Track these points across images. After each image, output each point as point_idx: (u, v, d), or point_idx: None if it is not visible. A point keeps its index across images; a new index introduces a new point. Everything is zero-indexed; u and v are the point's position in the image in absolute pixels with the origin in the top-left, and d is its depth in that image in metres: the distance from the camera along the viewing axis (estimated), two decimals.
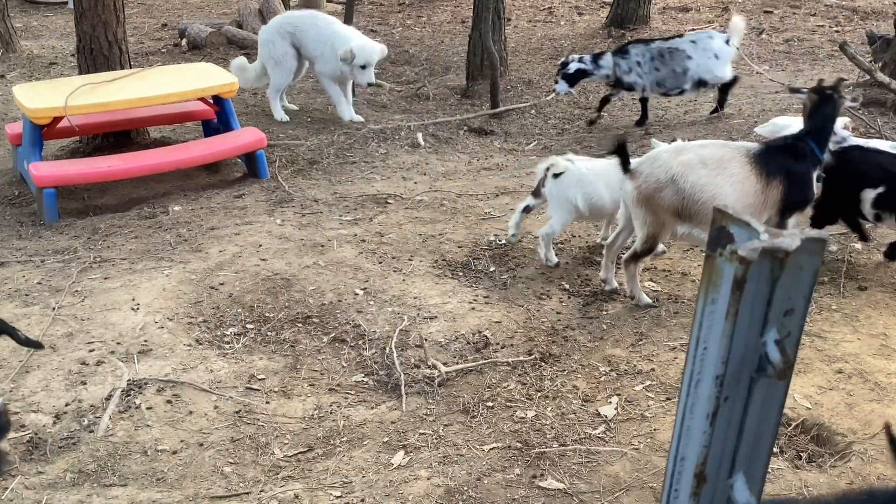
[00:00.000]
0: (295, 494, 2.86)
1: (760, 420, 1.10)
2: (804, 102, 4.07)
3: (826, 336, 3.75)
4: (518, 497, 2.84)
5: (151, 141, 6.61)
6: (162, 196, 5.60)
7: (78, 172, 5.42)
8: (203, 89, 5.94)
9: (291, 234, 4.83)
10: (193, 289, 4.20)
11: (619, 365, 3.59)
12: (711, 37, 6.79)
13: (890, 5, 11.78)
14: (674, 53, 6.72)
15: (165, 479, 2.94)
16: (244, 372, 3.56)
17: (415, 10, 12.36)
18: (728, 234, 1.01)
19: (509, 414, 3.29)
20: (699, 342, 1.05)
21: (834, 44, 9.31)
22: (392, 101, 7.92)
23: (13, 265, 4.55)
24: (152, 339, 3.77)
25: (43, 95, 5.50)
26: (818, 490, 2.85)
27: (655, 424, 3.20)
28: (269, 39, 7.16)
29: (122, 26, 6.33)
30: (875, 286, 4.19)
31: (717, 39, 6.76)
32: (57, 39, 10.45)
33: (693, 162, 3.85)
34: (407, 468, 2.99)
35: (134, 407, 3.31)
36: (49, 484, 2.90)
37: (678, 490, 1.14)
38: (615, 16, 10.79)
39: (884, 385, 3.38)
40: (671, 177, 3.82)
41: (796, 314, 1.03)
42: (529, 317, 3.99)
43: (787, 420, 3.19)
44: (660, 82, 6.81)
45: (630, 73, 6.78)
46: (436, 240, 4.79)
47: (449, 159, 6.39)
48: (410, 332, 3.84)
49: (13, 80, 8.37)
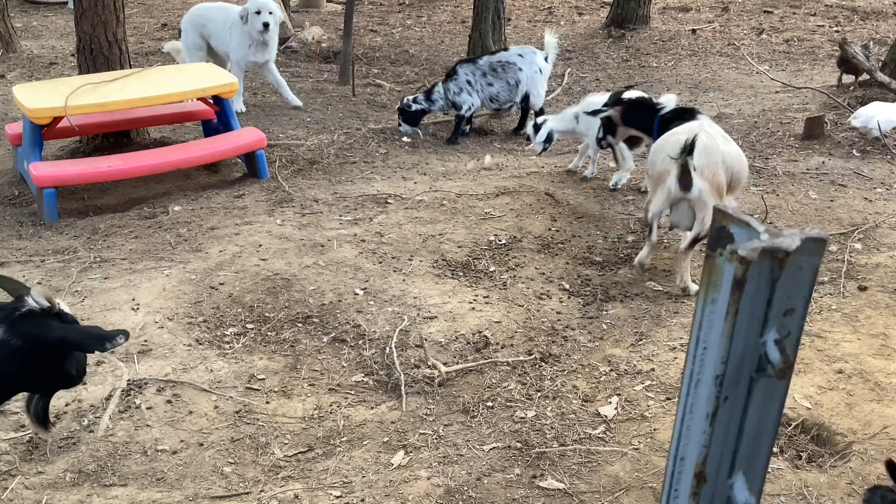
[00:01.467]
0: (295, 494, 2.86)
1: (760, 420, 1.10)
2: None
3: (826, 336, 3.75)
4: (518, 497, 2.84)
5: (151, 141, 6.61)
6: (162, 196, 5.60)
7: (78, 172, 5.42)
8: (203, 89, 5.93)
9: (291, 234, 4.83)
10: (193, 289, 4.20)
11: (619, 365, 3.59)
12: (535, 52, 6.87)
13: (890, 5, 11.78)
14: (505, 67, 6.78)
15: (165, 479, 2.94)
16: (244, 372, 3.56)
17: (415, 10, 12.36)
18: (728, 234, 1.01)
19: (509, 414, 3.29)
20: (699, 342, 1.05)
21: (834, 44, 9.32)
22: (392, 101, 7.92)
23: (13, 265, 4.55)
24: (152, 339, 3.77)
25: (43, 95, 5.50)
26: (818, 490, 2.85)
27: (655, 424, 3.20)
28: (184, 28, 7.58)
29: (122, 26, 6.33)
30: (875, 286, 4.19)
31: (539, 55, 6.85)
32: (57, 39, 10.45)
33: (721, 139, 4.26)
34: (407, 468, 2.99)
35: (134, 407, 3.31)
36: (49, 484, 2.90)
37: (678, 490, 1.13)
38: (615, 16, 10.80)
39: (884, 385, 3.38)
40: (721, 158, 4.12)
41: (796, 314, 1.03)
42: (529, 317, 3.99)
43: (787, 420, 3.19)
44: (494, 97, 6.85)
45: (461, 93, 6.81)
46: (436, 240, 4.79)
47: (449, 159, 6.39)
48: (410, 332, 3.84)
49: (13, 80, 8.37)
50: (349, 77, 8.27)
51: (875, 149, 6.08)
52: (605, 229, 4.96)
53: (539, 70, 6.80)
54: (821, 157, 5.98)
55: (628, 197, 5.43)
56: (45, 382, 2.32)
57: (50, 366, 2.22)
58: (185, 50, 7.59)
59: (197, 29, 7.47)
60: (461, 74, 6.82)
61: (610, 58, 9.56)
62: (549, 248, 4.72)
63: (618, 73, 8.93)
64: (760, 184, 5.50)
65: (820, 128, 6.33)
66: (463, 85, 6.80)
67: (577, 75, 8.81)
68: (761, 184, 5.50)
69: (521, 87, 6.75)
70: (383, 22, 11.56)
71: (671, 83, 8.50)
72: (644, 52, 9.78)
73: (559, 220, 5.07)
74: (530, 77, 6.77)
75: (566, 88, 8.30)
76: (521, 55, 6.82)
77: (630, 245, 4.73)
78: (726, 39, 10.28)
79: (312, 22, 11.15)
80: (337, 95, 8.08)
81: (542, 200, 5.37)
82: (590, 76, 8.79)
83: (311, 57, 9.70)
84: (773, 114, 6.91)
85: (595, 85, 8.45)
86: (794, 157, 6.01)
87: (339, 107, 7.78)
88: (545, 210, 5.21)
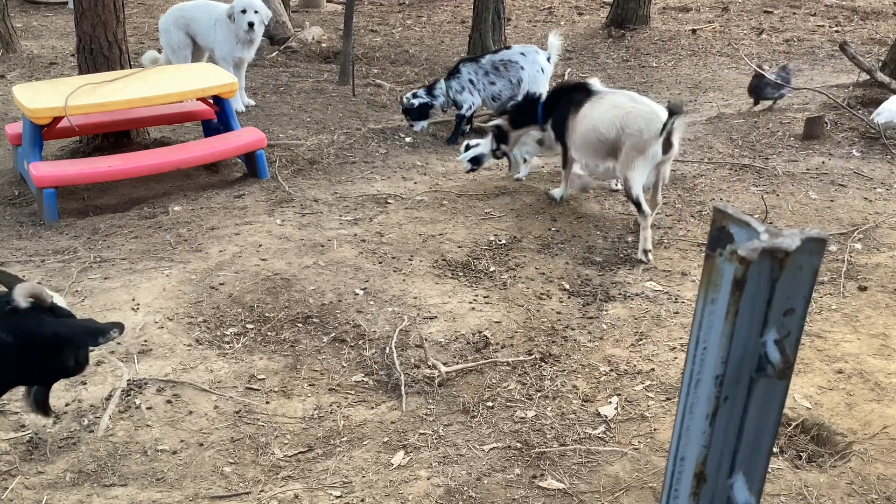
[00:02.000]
0: (295, 494, 2.86)
1: (760, 420, 1.10)
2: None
3: (826, 336, 3.75)
4: (518, 497, 2.84)
5: (151, 141, 6.61)
6: (162, 196, 5.60)
7: (78, 172, 5.42)
8: (203, 89, 5.93)
9: (291, 234, 4.83)
10: (193, 289, 4.20)
11: (619, 365, 3.59)
12: (538, 52, 6.89)
13: (890, 5, 11.78)
14: (508, 65, 6.80)
15: (165, 479, 2.94)
16: (244, 372, 3.56)
17: (415, 10, 12.36)
18: (728, 234, 1.01)
19: (509, 414, 3.29)
20: (699, 342, 1.05)
21: (834, 44, 9.32)
22: (392, 101, 7.92)
23: (13, 265, 4.55)
24: (152, 339, 3.77)
25: (43, 95, 5.50)
26: (818, 490, 2.85)
27: (655, 424, 3.20)
28: (166, 28, 7.54)
29: (122, 26, 6.33)
30: (875, 286, 4.19)
31: (542, 55, 6.87)
32: (57, 39, 10.45)
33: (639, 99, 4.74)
34: (407, 468, 2.99)
35: (134, 407, 3.31)
36: (49, 484, 2.90)
37: (678, 490, 1.13)
38: (615, 16, 10.80)
39: (884, 385, 3.38)
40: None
41: (796, 314, 1.03)
42: (529, 317, 3.99)
43: (787, 420, 3.19)
44: (496, 96, 6.88)
45: (462, 91, 6.83)
46: (436, 240, 4.79)
47: (449, 159, 6.39)
48: (410, 332, 3.84)
49: (13, 80, 8.37)
50: (349, 77, 8.27)
51: (875, 149, 6.08)
52: (605, 229, 4.96)
53: (541, 69, 6.80)
54: (821, 157, 5.98)
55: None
56: (43, 376, 2.30)
57: (45, 360, 2.20)
58: (170, 51, 7.59)
59: (182, 28, 7.50)
60: (464, 73, 6.82)
61: (610, 58, 9.56)
62: (549, 248, 4.72)
63: (618, 73, 8.92)
64: (760, 184, 5.50)
65: (820, 128, 6.33)
66: (465, 84, 6.80)
67: (577, 75, 8.80)
68: (761, 184, 5.50)
69: (523, 85, 6.75)
70: (383, 22, 11.56)
71: (671, 83, 8.51)
72: (644, 52, 9.78)
73: (559, 220, 5.07)
74: (532, 76, 6.77)
75: None
76: (523, 54, 6.82)
77: (630, 245, 4.73)
78: (726, 39, 10.28)
79: (312, 22, 11.16)
80: (337, 95, 8.08)
81: (541, 200, 5.37)
82: (590, 76, 8.79)
83: (311, 57, 9.69)
84: (773, 114, 6.91)
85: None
86: (794, 157, 6.01)
87: (339, 107, 7.78)
88: (545, 210, 5.21)
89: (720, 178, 5.61)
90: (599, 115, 4.70)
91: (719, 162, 5.89)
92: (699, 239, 4.76)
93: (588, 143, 4.79)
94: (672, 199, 5.31)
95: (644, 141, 4.43)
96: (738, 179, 5.58)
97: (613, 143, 4.60)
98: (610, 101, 4.73)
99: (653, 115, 4.46)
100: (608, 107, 4.69)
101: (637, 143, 4.46)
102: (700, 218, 5.04)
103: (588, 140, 4.78)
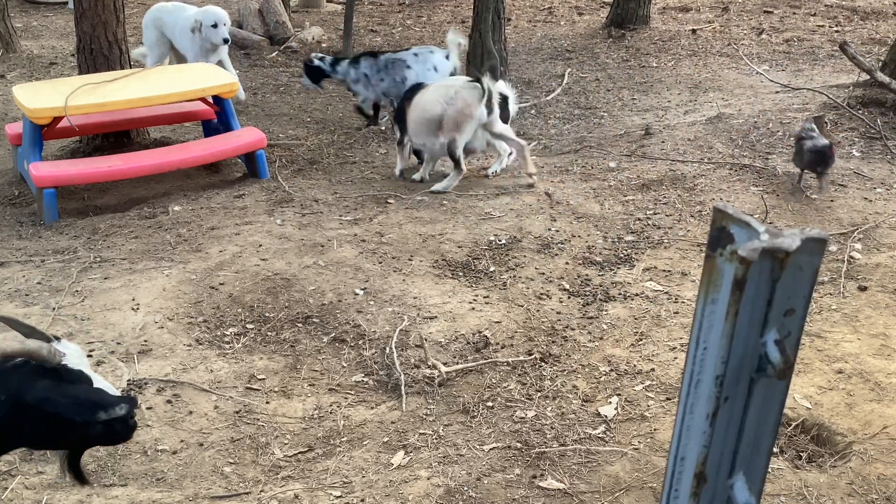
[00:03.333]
0: (295, 494, 2.86)
1: (760, 420, 1.10)
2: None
3: (826, 336, 3.75)
4: (518, 497, 2.85)
5: (151, 141, 6.61)
6: (162, 196, 5.60)
7: (78, 172, 5.42)
8: (203, 89, 5.94)
9: (291, 234, 4.83)
10: (193, 289, 4.20)
11: (619, 365, 3.59)
12: (432, 51, 7.03)
13: (890, 5, 11.78)
14: (395, 64, 6.94)
15: (165, 479, 2.94)
16: (244, 372, 3.57)
17: (415, 10, 12.36)
18: (728, 234, 1.01)
19: (509, 414, 3.29)
20: (699, 342, 1.05)
21: (834, 44, 9.32)
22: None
23: (13, 265, 4.55)
24: (152, 339, 3.77)
25: (43, 95, 5.50)
26: (818, 490, 2.85)
27: (655, 424, 3.20)
28: (145, 25, 7.73)
29: (122, 26, 6.33)
30: (875, 286, 4.19)
31: (438, 54, 6.99)
32: (57, 39, 10.45)
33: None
34: (407, 468, 2.99)
35: None
36: (49, 484, 2.90)
37: (678, 490, 1.14)
38: (615, 16, 10.79)
39: (884, 385, 3.38)
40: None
41: (796, 314, 1.03)
42: (529, 317, 3.99)
43: (787, 420, 3.19)
44: (385, 92, 7.04)
45: (357, 83, 7.00)
46: (436, 240, 4.79)
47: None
48: (410, 332, 3.84)
49: (13, 80, 8.37)
50: None
51: (875, 149, 6.08)
52: (605, 229, 4.95)
53: (433, 68, 6.93)
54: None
55: (628, 197, 5.42)
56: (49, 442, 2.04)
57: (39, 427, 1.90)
58: (148, 48, 7.72)
59: (158, 28, 7.63)
60: (362, 66, 6.98)
61: (610, 58, 9.56)
62: (549, 248, 4.72)
63: (618, 73, 8.92)
64: (760, 184, 5.50)
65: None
66: (360, 76, 6.97)
67: (577, 75, 8.80)
68: (761, 184, 5.50)
69: (407, 84, 6.83)
70: (383, 22, 11.56)
71: (671, 83, 8.50)
72: (644, 52, 9.78)
73: (559, 220, 5.07)
74: (421, 74, 6.87)
75: (566, 88, 8.30)
76: (416, 54, 6.99)
77: (630, 245, 4.73)
78: (726, 39, 10.27)
79: (312, 22, 11.16)
80: (337, 95, 8.08)
81: (541, 200, 5.37)
82: (590, 76, 8.79)
83: None
84: (773, 114, 6.91)
85: (595, 85, 8.46)
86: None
87: (339, 107, 7.78)
88: (545, 210, 5.21)
89: (720, 178, 5.61)
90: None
91: (719, 162, 5.89)
92: (699, 239, 4.76)
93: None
94: (672, 199, 5.32)
95: (458, 109, 5.42)
96: (738, 179, 5.58)
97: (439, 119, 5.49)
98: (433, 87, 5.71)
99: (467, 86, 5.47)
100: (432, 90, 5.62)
101: (452, 112, 5.43)
102: (700, 218, 5.03)
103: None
